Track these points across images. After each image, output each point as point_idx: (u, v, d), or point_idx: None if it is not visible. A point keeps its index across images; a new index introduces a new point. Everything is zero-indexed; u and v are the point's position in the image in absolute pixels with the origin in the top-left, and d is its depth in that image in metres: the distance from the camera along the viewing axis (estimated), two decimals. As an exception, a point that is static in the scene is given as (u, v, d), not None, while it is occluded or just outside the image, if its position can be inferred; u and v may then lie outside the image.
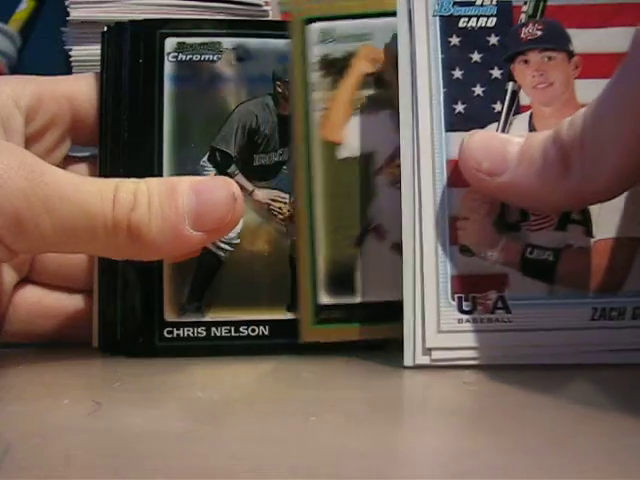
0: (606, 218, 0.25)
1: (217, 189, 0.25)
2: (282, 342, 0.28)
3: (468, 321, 0.25)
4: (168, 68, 0.28)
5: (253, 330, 0.28)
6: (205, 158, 0.28)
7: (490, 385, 0.23)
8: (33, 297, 0.30)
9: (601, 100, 0.21)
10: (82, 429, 0.19)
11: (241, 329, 0.28)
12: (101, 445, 0.18)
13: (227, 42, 0.29)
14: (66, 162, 0.29)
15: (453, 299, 0.25)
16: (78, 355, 0.28)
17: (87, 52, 0.41)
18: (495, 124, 0.26)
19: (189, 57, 0.28)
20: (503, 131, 0.26)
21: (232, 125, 0.28)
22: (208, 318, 0.28)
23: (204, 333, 0.28)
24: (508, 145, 0.24)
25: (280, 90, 0.29)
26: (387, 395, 0.23)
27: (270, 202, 0.29)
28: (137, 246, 0.24)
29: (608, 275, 0.25)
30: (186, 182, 0.25)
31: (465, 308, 0.25)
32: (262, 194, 0.29)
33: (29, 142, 0.28)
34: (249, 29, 0.29)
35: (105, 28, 0.29)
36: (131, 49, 0.29)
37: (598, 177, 0.22)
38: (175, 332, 0.28)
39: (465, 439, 0.18)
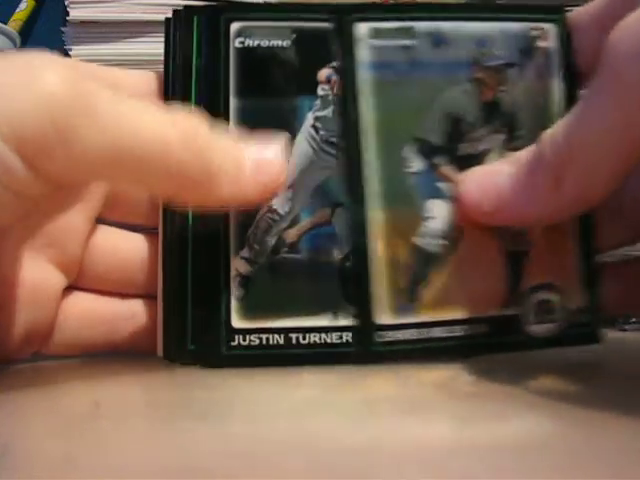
0: None
1: (271, 146, 0.25)
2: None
3: None
4: (365, 55, 0.27)
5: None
6: (409, 149, 0.27)
7: (489, 385, 0.23)
8: (84, 303, 0.28)
9: (583, 112, 0.22)
10: (82, 429, 0.19)
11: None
12: (101, 445, 0.18)
13: (421, 26, 0.27)
14: None
15: None
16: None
17: (87, 52, 0.41)
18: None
19: (386, 43, 0.27)
20: None
21: (435, 114, 0.27)
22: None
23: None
24: (499, 179, 0.24)
25: (480, 76, 0.27)
26: (384, 394, 0.23)
27: None
28: (204, 173, 0.22)
29: None
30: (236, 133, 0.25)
31: None
32: None
33: None
34: (443, 12, 0.28)
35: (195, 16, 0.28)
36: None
37: (593, 187, 0.22)
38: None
39: (463, 439, 0.18)
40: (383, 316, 0.26)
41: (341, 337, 0.26)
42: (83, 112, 0.19)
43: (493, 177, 0.25)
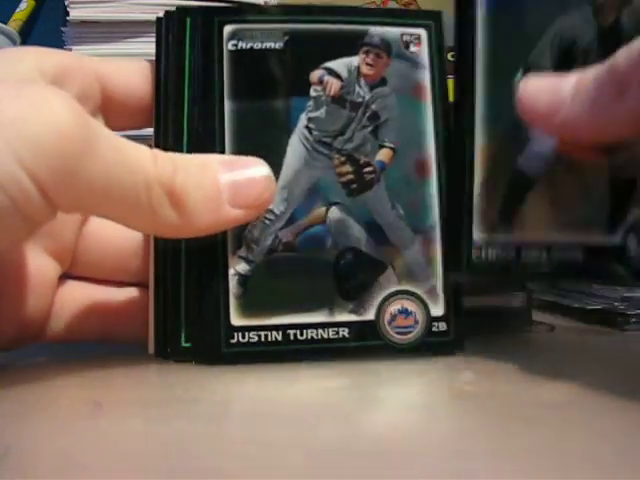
0: None
1: (251, 167, 0.25)
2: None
3: None
4: None
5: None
6: (519, 75, 0.26)
7: (488, 385, 0.23)
8: (80, 291, 0.28)
9: None
10: (82, 429, 0.19)
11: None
12: (101, 445, 0.18)
13: None
14: None
15: None
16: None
17: (87, 52, 0.41)
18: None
19: None
20: None
21: (548, 39, 0.26)
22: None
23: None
24: (562, 83, 0.23)
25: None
26: (382, 395, 0.23)
27: None
28: (178, 214, 0.23)
29: None
30: (217, 158, 0.25)
31: None
32: None
33: None
34: None
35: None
36: None
37: None
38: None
39: (463, 439, 0.18)
40: (479, 233, 0.26)
41: (337, 332, 0.26)
42: (89, 148, 0.21)
43: (555, 80, 0.23)
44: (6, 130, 0.19)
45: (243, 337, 0.26)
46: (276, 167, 0.26)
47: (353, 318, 0.27)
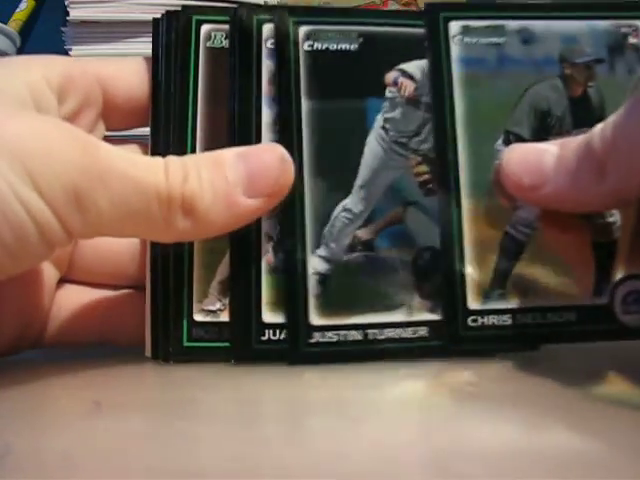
0: None
1: (264, 153, 0.25)
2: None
3: None
4: (456, 51, 0.28)
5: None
6: (500, 141, 0.27)
7: (490, 386, 0.23)
8: (77, 296, 0.28)
9: (632, 106, 0.22)
10: (82, 429, 0.19)
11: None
12: (101, 445, 0.18)
13: (511, 25, 0.28)
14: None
15: None
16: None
17: (87, 52, 0.41)
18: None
19: (476, 40, 0.28)
20: None
21: (524, 108, 0.28)
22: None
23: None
24: (544, 157, 0.25)
25: (568, 72, 0.28)
26: (387, 395, 0.23)
27: None
28: (192, 221, 0.23)
29: None
30: (231, 151, 0.25)
31: None
32: None
33: None
34: (534, 11, 0.29)
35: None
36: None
37: (633, 180, 0.22)
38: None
39: (463, 439, 0.18)
40: (473, 302, 0.26)
41: (416, 332, 0.26)
42: (101, 182, 0.22)
43: (538, 154, 0.25)
44: (29, 164, 0.20)
45: (323, 337, 0.26)
46: (354, 166, 0.27)
47: (432, 317, 0.27)
